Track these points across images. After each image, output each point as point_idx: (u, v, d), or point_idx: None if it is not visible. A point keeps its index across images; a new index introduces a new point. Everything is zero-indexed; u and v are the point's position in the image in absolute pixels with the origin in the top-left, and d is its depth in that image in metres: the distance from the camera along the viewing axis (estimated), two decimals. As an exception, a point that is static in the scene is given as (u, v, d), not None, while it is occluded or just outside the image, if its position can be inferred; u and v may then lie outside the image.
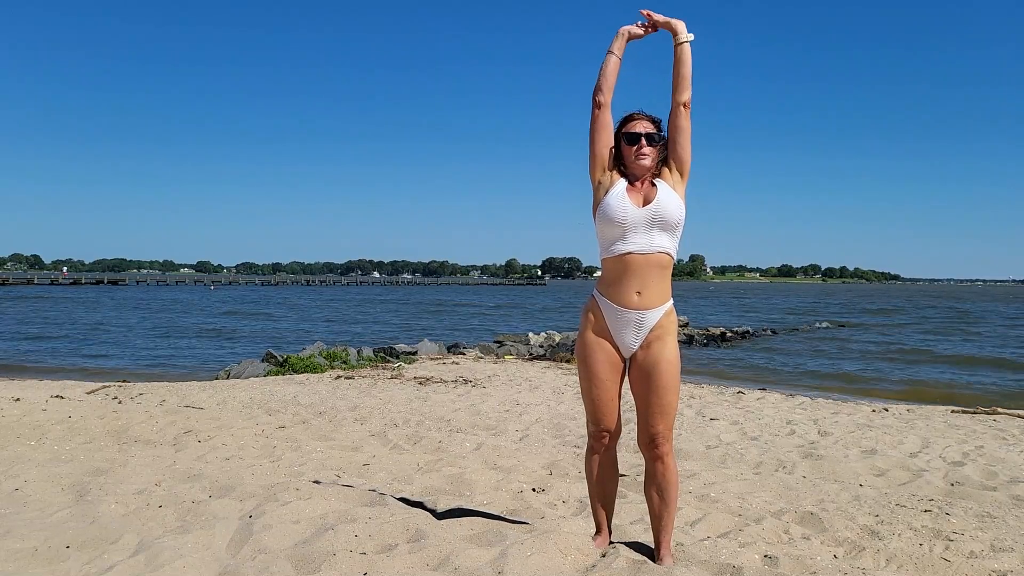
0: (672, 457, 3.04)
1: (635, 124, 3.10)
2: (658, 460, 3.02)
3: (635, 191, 3.04)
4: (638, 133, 3.06)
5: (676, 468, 3.07)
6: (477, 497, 4.23)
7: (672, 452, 3.04)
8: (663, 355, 2.97)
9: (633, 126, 3.10)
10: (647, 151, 3.05)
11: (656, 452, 3.01)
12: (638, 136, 3.06)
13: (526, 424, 7.17)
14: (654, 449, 3.00)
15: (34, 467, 4.48)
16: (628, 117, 3.14)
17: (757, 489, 4.67)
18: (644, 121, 3.11)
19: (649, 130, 3.08)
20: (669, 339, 3.01)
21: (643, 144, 3.05)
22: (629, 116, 3.14)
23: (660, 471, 3.03)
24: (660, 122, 3.15)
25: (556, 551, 3.04)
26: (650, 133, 3.07)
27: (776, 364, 18.41)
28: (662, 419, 2.98)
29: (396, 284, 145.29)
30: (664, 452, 3.01)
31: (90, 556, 3.03)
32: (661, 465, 3.02)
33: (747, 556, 3.21)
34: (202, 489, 4.09)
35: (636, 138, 3.06)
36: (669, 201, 2.98)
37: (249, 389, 9.74)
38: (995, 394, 13.64)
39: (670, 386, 2.98)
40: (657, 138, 3.08)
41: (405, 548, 3.12)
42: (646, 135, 3.06)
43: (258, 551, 3.11)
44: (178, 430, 5.97)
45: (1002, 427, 8.04)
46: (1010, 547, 3.56)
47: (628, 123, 3.13)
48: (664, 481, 3.03)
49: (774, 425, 7.66)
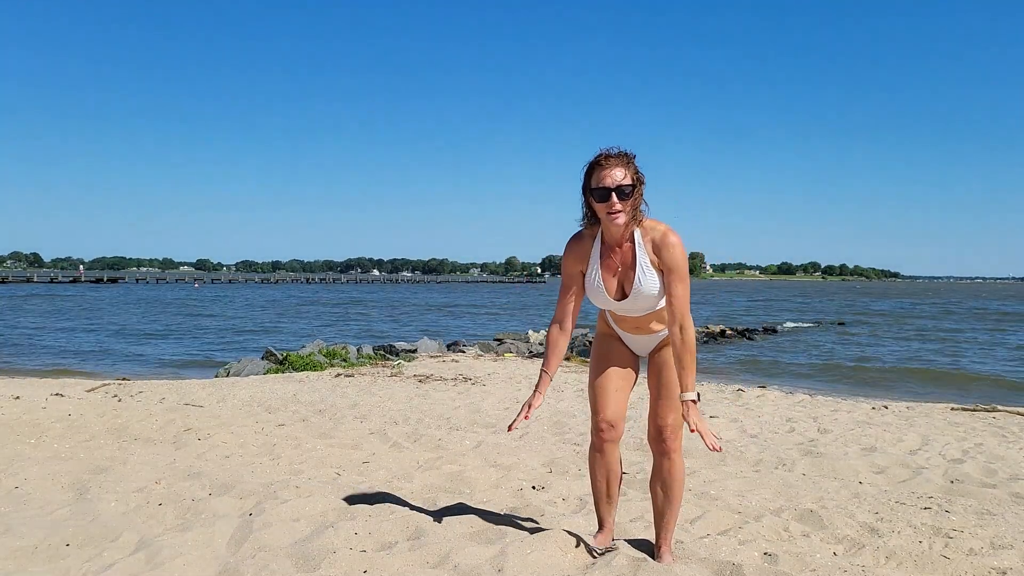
0: (680, 455, 3.04)
1: (604, 175, 2.73)
2: (665, 456, 3.01)
3: (611, 277, 2.89)
4: (607, 188, 2.72)
5: (683, 467, 3.06)
6: (477, 495, 4.23)
7: (680, 450, 3.03)
8: (671, 355, 2.98)
9: (602, 178, 2.73)
10: (619, 208, 2.74)
11: (663, 447, 3.00)
12: (608, 192, 2.72)
13: (526, 422, 7.17)
14: (661, 444, 3.00)
15: (34, 465, 4.48)
16: (596, 162, 2.76)
17: (756, 487, 4.68)
18: (614, 169, 2.73)
19: (620, 182, 2.72)
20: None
21: (614, 202, 2.73)
22: (597, 161, 2.76)
23: (666, 467, 3.03)
24: (633, 160, 2.78)
25: (556, 549, 3.04)
26: (622, 187, 2.72)
27: (776, 362, 18.42)
28: (670, 413, 2.98)
29: (396, 282, 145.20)
30: (671, 448, 3.00)
31: (90, 554, 3.03)
32: (668, 461, 3.01)
33: (747, 553, 3.21)
34: (202, 487, 4.09)
35: (606, 195, 2.73)
36: (647, 289, 2.84)
37: (249, 387, 9.74)
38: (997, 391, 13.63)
39: (676, 381, 2.98)
40: (629, 191, 2.73)
41: (405, 546, 3.12)
42: (617, 189, 2.72)
43: (258, 549, 3.11)
44: (178, 428, 5.97)
45: (1002, 424, 8.05)
46: (1010, 544, 3.56)
47: (596, 172, 2.76)
48: (670, 478, 3.03)
49: (773, 423, 7.67)
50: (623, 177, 2.73)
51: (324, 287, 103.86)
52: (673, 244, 2.80)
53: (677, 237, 2.82)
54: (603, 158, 2.75)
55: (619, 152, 2.78)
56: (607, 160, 2.74)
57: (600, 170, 2.75)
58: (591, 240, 2.93)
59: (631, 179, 2.75)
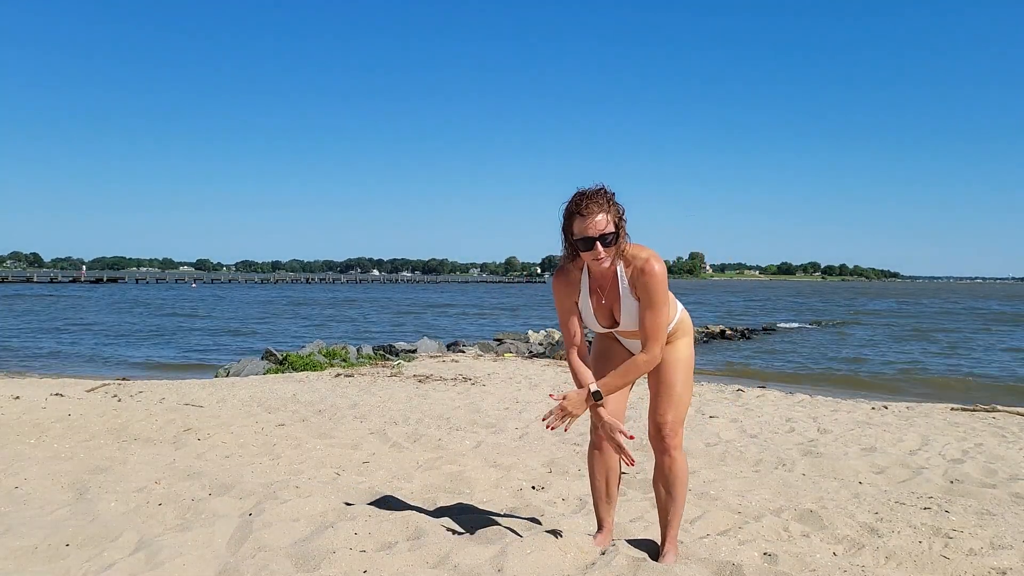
0: (681, 452, 3.04)
1: (587, 225, 2.71)
2: (665, 454, 3.02)
3: (600, 306, 2.93)
4: (591, 238, 2.72)
5: (685, 465, 3.07)
6: (477, 495, 4.23)
7: (681, 448, 3.04)
8: (671, 353, 3.03)
9: (585, 228, 2.71)
10: (604, 254, 2.75)
11: (663, 445, 3.01)
12: (592, 241, 2.73)
13: (526, 422, 7.17)
14: (661, 441, 3.01)
15: (34, 465, 4.48)
16: (575, 207, 2.73)
17: (756, 487, 4.68)
18: (595, 216, 2.70)
19: (603, 230, 2.70)
20: (679, 341, 3.07)
21: (599, 251, 2.74)
22: (576, 206, 2.72)
23: (667, 465, 3.03)
24: (612, 200, 2.75)
25: (556, 549, 3.04)
26: (605, 235, 2.71)
27: (775, 361, 18.42)
28: (669, 410, 3.00)
29: (395, 282, 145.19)
30: (671, 446, 3.01)
31: (90, 554, 3.03)
32: (668, 459, 3.02)
33: (747, 554, 3.21)
34: (202, 487, 4.09)
35: (590, 244, 2.74)
36: (635, 317, 2.87)
37: (248, 387, 9.74)
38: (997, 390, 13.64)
39: (676, 379, 3.02)
40: (611, 239, 2.73)
41: (405, 546, 3.13)
42: (601, 238, 2.71)
43: (258, 549, 3.11)
44: (178, 428, 5.97)
45: (1001, 424, 8.05)
46: (1009, 544, 3.57)
47: (577, 221, 2.73)
48: (671, 476, 3.04)
49: (773, 423, 7.67)
50: (605, 224, 2.72)
51: (323, 287, 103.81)
52: (649, 274, 2.78)
53: (656, 266, 2.79)
54: (583, 207, 2.71)
55: (597, 193, 2.74)
56: (587, 208, 2.70)
57: (582, 220, 2.72)
58: (577, 272, 2.96)
59: (614, 224, 2.74)
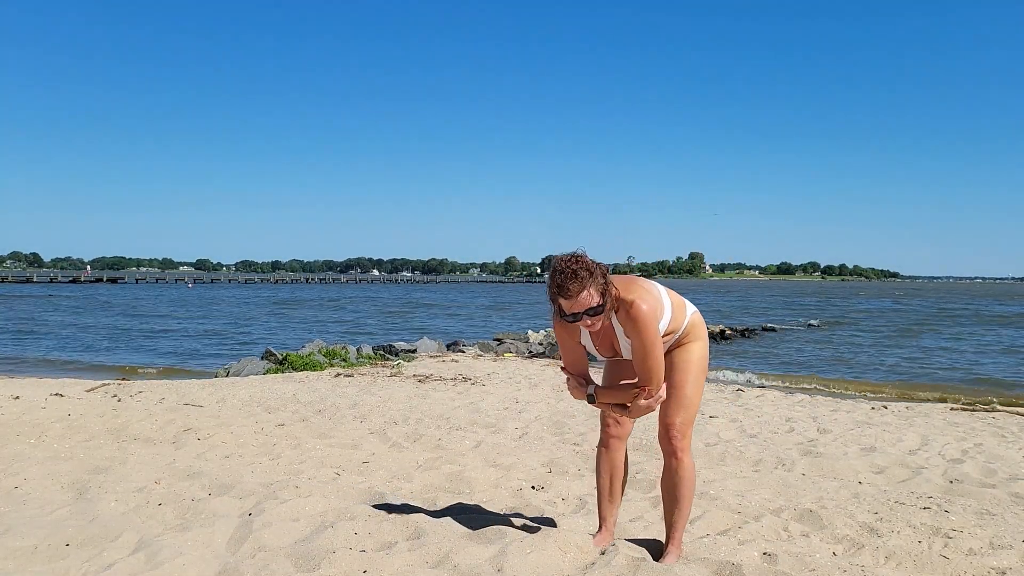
0: (688, 455, 3.04)
1: (572, 305, 2.72)
2: (672, 456, 3.03)
3: (602, 342, 2.98)
4: (576, 313, 2.75)
5: (693, 467, 3.07)
6: (476, 495, 4.24)
7: (689, 450, 3.04)
8: (682, 356, 3.05)
9: (571, 308, 2.73)
10: (592, 321, 2.78)
11: (671, 446, 3.01)
12: (578, 316, 2.76)
13: (525, 422, 7.17)
14: (669, 443, 3.02)
15: (34, 465, 4.49)
16: (557, 291, 2.72)
17: (756, 487, 4.68)
18: (577, 296, 2.70)
19: (589, 305, 2.72)
20: (691, 344, 3.07)
21: (588, 322, 2.78)
22: (558, 289, 2.71)
23: (674, 467, 3.04)
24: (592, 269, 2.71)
25: (555, 549, 3.04)
26: (592, 308, 2.73)
27: (775, 361, 18.43)
28: (676, 411, 3.00)
29: (396, 282, 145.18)
30: (679, 448, 3.01)
31: (90, 554, 3.03)
32: (676, 461, 3.02)
33: (746, 553, 3.21)
34: (202, 487, 4.09)
35: (578, 317, 2.77)
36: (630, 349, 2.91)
37: (248, 387, 9.74)
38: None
39: (686, 381, 3.02)
40: (598, 310, 2.74)
41: (405, 546, 3.13)
42: (588, 312, 2.74)
43: (258, 549, 3.11)
44: (177, 428, 5.97)
45: (1001, 424, 8.05)
46: (1009, 544, 3.57)
47: (562, 300, 2.74)
48: (678, 478, 3.04)
49: (773, 422, 7.67)
50: (590, 300, 2.72)
51: (323, 287, 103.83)
52: (635, 319, 2.78)
53: (644, 308, 2.78)
54: (565, 291, 2.69)
55: (576, 273, 2.68)
56: (568, 292, 2.69)
57: (566, 301, 2.72)
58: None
59: (599, 294, 2.73)
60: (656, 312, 2.84)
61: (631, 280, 2.93)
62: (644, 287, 2.91)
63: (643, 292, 2.86)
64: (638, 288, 2.88)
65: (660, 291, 3.01)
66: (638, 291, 2.85)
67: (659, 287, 3.05)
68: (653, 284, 3.04)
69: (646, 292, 2.88)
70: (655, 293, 2.94)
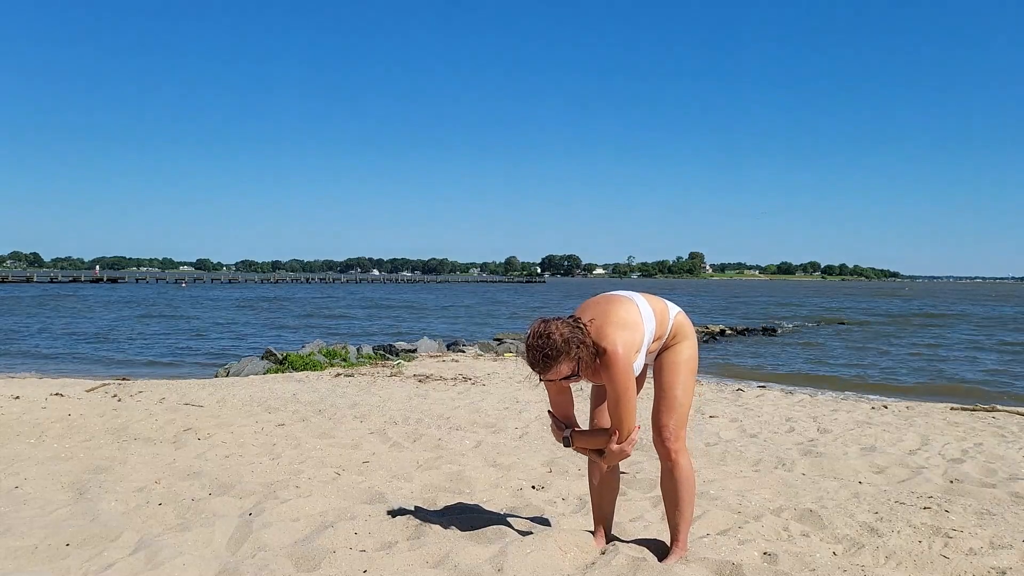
0: (684, 456, 3.02)
1: (549, 377, 2.80)
2: (668, 458, 3.01)
3: (592, 378, 2.98)
4: (552, 380, 2.85)
5: (690, 467, 3.05)
6: (477, 495, 4.23)
7: (684, 451, 3.02)
8: (670, 357, 3.05)
9: (548, 379, 2.82)
10: (574, 381, 2.89)
11: (665, 449, 3.00)
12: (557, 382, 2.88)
13: (526, 421, 7.17)
14: (663, 445, 3.00)
15: (34, 465, 4.49)
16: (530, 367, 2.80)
17: (756, 486, 4.68)
18: (551, 371, 2.77)
19: (561, 375, 2.79)
20: (678, 345, 3.06)
21: (566, 387, 2.96)
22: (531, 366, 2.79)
23: (669, 469, 3.03)
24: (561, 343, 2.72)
25: (555, 548, 3.04)
26: (565, 377, 2.81)
27: (775, 361, 18.42)
28: (667, 413, 2.98)
29: (396, 281, 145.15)
30: (673, 449, 2.99)
31: (90, 554, 3.03)
32: (671, 463, 3.01)
33: (747, 553, 3.21)
34: (202, 487, 4.09)
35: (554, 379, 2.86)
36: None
37: (249, 387, 9.74)
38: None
39: (675, 382, 3.01)
40: (571, 377, 2.82)
41: (405, 545, 3.13)
42: (563, 379, 2.84)
43: (258, 549, 3.11)
44: (178, 428, 5.98)
45: (1001, 424, 8.05)
46: (1009, 544, 3.56)
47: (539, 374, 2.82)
48: (675, 481, 3.02)
49: (773, 422, 7.67)
50: (566, 371, 2.78)
51: (321, 287, 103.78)
52: (606, 365, 2.80)
53: (618, 352, 2.78)
54: (536, 368, 2.76)
55: (545, 354, 2.72)
56: (540, 370, 2.76)
57: (542, 374, 2.79)
58: None
59: (571, 365, 2.77)
60: (629, 354, 2.81)
61: (607, 312, 2.87)
62: (618, 321, 2.85)
63: (617, 332, 2.81)
64: (611, 327, 2.82)
65: (638, 308, 2.95)
66: (612, 332, 2.80)
67: (637, 303, 2.98)
68: (630, 303, 2.96)
69: (620, 329, 2.82)
70: (631, 321, 2.88)
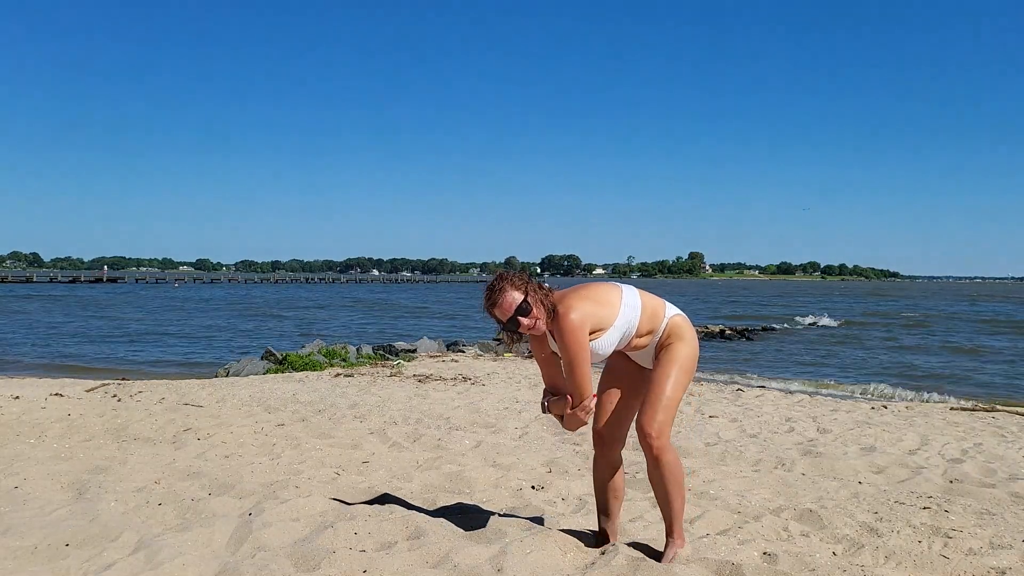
0: (669, 452, 2.99)
1: (501, 311, 2.86)
2: (650, 454, 2.99)
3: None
4: (512, 319, 2.87)
5: (676, 462, 3.02)
6: (476, 495, 4.24)
7: (668, 448, 2.99)
8: (663, 356, 3.04)
9: (503, 314, 2.86)
10: (529, 324, 2.87)
11: (648, 445, 2.98)
12: (514, 320, 2.87)
13: (525, 421, 7.17)
14: (645, 442, 2.98)
15: (33, 465, 4.49)
16: (486, 304, 2.92)
17: (756, 486, 4.68)
18: (503, 302, 2.84)
19: (515, 304, 2.84)
20: (672, 345, 3.05)
21: (522, 322, 2.87)
22: (486, 302, 2.91)
23: (652, 465, 3.02)
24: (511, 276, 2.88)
25: (555, 548, 3.04)
26: (519, 308, 2.84)
27: (776, 361, 18.43)
28: (650, 408, 2.97)
29: (396, 282, 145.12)
30: (656, 447, 2.96)
31: (89, 554, 3.03)
32: (654, 459, 2.99)
33: (746, 553, 3.21)
34: (201, 487, 4.09)
35: (514, 323, 2.88)
36: (597, 351, 2.96)
37: (248, 387, 9.74)
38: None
39: (663, 380, 2.99)
40: (526, 306, 2.84)
41: (405, 546, 3.13)
42: (517, 311, 2.85)
43: (257, 549, 3.11)
44: (177, 428, 5.98)
45: (1001, 424, 8.05)
46: (1009, 544, 3.57)
47: (495, 312, 2.90)
48: (659, 475, 3.01)
49: (773, 422, 7.67)
50: (514, 300, 2.85)
51: (323, 286, 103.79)
52: (559, 328, 2.85)
53: (570, 316, 2.82)
54: (490, 302, 2.87)
55: (494, 285, 2.87)
56: (493, 300, 2.86)
57: (496, 309, 2.87)
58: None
59: (522, 293, 2.85)
60: (584, 322, 2.84)
61: (580, 287, 2.98)
62: (587, 294, 2.93)
63: (578, 301, 2.88)
64: (574, 296, 2.91)
65: (621, 293, 3.00)
66: (572, 299, 2.89)
67: (622, 289, 3.04)
68: (614, 287, 3.03)
69: (583, 300, 2.88)
70: (603, 299, 2.93)
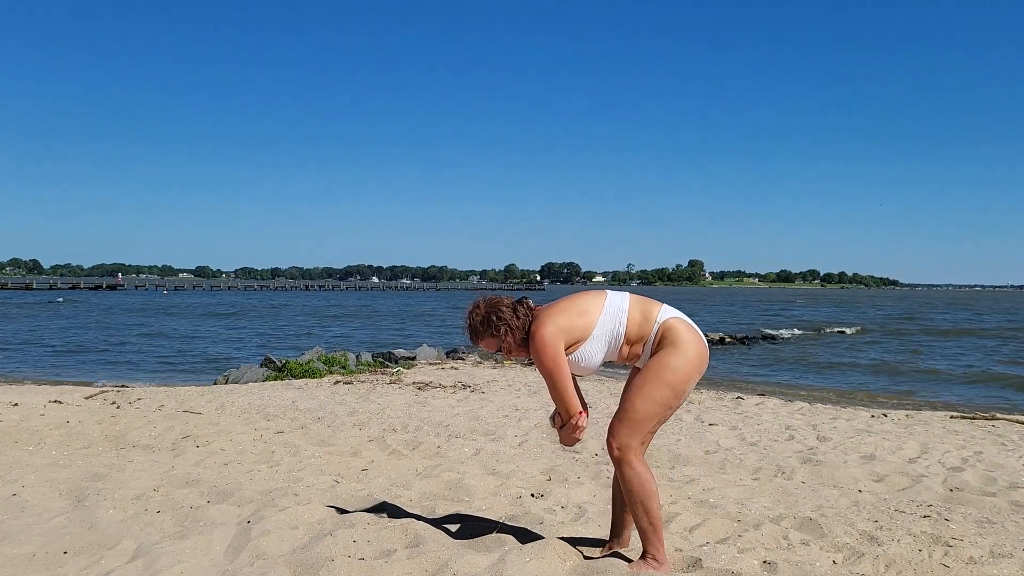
0: (633, 465, 2.90)
1: (480, 345, 3.16)
2: (615, 463, 2.96)
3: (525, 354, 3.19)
4: (492, 351, 3.15)
5: (641, 476, 2.90)
6: (476, 502, 4.23)
7: (632, 463, 2.90)
8: (649, 363, 2.98)
9: (480, 346, 3.17)
10: (500, 348, 3.07)
11: (611, 454, 2.96)
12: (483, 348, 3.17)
13: (525, 429, 7.16)
14: (609, 450, 2.97)
15: (32, 472, 4.48)
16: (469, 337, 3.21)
17: (756, 494, 4.67)
18: (479, 344, 3.13)
19: (493, 348, 3.09)
20: (662, 351, 2.95)
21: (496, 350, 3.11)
22: (471, 338, 3.19)
23: (618, 476, 2.99)
24: (485, 320, 3.07)
25: (555, 557, 3.03)
26: (499, 349, 3.07)
27: (775, 369, 18.42)
28: (616, 420, 2.97)
29: (395, 289, 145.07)
30: (618, 459, 2.92)
31: (88, 561, 3.02)
32: (618, 469, 2.97)
33: (746, 562, 3.21)
34: (200, 494, 4.08)
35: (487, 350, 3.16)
36: (585, 363, 3.03)
37: (247, 394, 9.73)
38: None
39: (636, 388, 2.95)
40: (500, 349, 3.06)
41: (403, 554, 3.12)
42: (499, 350, 3.08)
43: (256, 557, 3.10)
44: (176, 435, 5.97)
45: (1001, 433, 8.04)
46: (1009, 553, 3.56)
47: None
48: (622, 486, 2.98)
49: (773, 430, 7.66)
50: (493, 345, 3.07)
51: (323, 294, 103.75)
52: (532, 346, 2.96)
53: (542, 332, 2.91)
54: (472, 342, 3.17)
55: (469, 327, 3.13)
56: (473, 342, 3.15)
57: (475, 345, 3.17)
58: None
59: (495, 341, 3.05)
60: (555, 338, 2.89)
61: (560, 301, 3.05)
62: (564, 307, 2.99)
63: (550, 315, 2.95)
64: (549, 311, 2.99)
65: (604, 300, 3.01)
66: (544, 315, 2.97)
67: (607, 295, 3.04)
68: (599, 295, 3.05)
69: (558, 314, 2.95)
70: (581, 309, 2.98)
